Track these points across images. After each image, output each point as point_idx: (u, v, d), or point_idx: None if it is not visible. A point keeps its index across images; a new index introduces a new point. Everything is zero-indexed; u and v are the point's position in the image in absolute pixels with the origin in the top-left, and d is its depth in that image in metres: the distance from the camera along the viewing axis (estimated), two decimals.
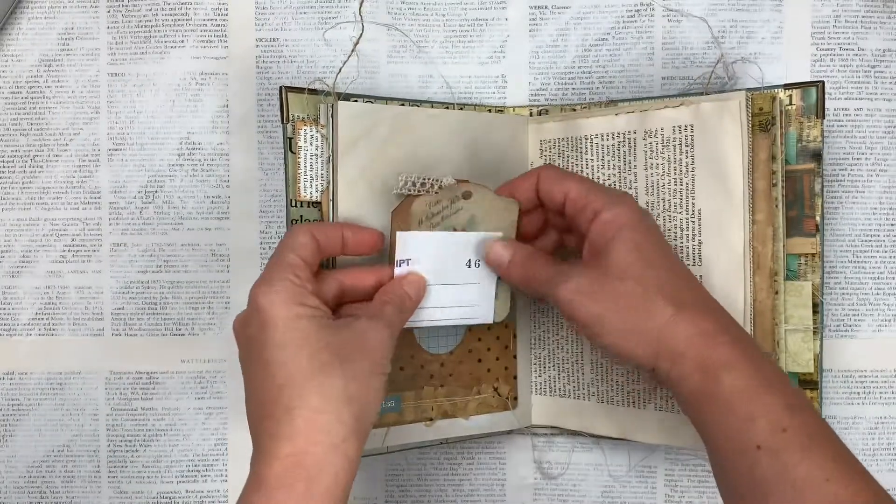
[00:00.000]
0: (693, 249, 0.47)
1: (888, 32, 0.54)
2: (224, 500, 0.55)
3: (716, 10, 0.54)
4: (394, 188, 0.47)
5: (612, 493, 0.55)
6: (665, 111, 0.48)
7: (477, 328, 0.51)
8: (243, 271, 0.55)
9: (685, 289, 0.41)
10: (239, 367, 0.40)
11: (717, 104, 0.46)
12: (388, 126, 0.48)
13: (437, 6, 0.55)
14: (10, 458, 0.55)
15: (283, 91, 0.47)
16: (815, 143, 0.47)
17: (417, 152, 0.49)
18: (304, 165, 0.48)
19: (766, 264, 0.47)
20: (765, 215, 0.47)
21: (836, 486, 0.35)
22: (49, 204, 0.55)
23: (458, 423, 0.51)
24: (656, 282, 0.41)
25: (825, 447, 0.36)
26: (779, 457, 0.36)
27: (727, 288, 0.46)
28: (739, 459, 0.37)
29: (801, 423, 0.37)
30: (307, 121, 0.48)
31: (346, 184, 0.47)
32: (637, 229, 0.42)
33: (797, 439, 0.36)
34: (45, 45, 0.55)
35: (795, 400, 0.38)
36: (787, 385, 0.39)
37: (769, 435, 0.37)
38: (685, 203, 0.47)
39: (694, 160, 0.47)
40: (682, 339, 0.39)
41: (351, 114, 0.47)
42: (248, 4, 0.55)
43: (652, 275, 0.41)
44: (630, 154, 0.49)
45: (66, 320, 0.55)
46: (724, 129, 0.46)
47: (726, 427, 0.38)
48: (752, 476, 0.37)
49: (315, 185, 0.48)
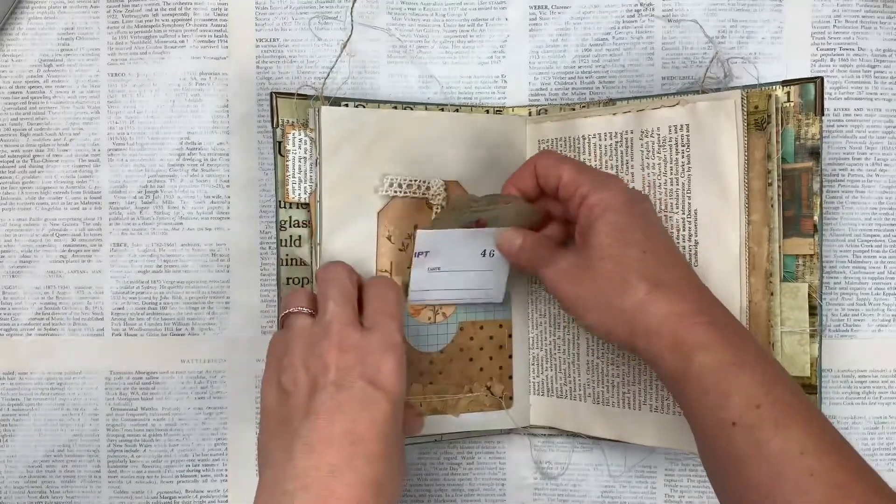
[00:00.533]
0: (690, 250, 0.47)
1: (888, 32, 0.54)
2: (224, 500, 0.55)
3: (716, 10, 0.54)
4: (378, 189, 0.48)
5: (611, 493, 0.55)
6: (661, 111, 0.47)
7: (468, 327, 0.51)
8: (243, 271, 0.55)
9: (667, 268, 0.42)
10: (239, 367, 0.40)
11: (712, 103, 0.46)
12: (373, 129, 0.49)
13: (437, 6, 0.55)
14: (10, 458, 0.55)
15: (273, 97, 0.49)
16: (813, 141, 0.47)
17: (405, 155, 0.49)
18: (293, 168, 0.49)
19: (761, 265, 0.46)
20: (760, 215, 0.46)
21: (811, 459, 0.36)
22: (49, 204, 0.55)
23: (447, 420, 0.51)
24: (633, 262, 0.41)
25: (800, 421, 0.37)
26: (753, 433, 0.37)
27: (724, 289, 0.45)
28: (717, 436, 0.38)
29: (775, 399, 0.37)
30: (296, 125, 0.50)
31: (331, 186, 0.48)
32: (621, 211, 0.42)
33: (771, 415, 0.37)
34: (45, 45, 0.55)
35: (773, 376, 0.38)
36: (767, 362, 0.39)
37: (743, 412, 0.37)
38: (682, 203, 0.47)
39: (690, 160, 0.47)
40: (656, 317, 0.40)
41: (334, 118, 0.48)
42: (248, 4, 0.55)
43: (630, 254, 0.41)
44: (627, 154, 0.49)
45: (66, 320, 0.55)
46: (720, 129, 0.46)
47: (701, 405, 0.39)
48: (729, 452, 0.38)
49: (303, 187, 0.50)
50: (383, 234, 0.50)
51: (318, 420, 0.38)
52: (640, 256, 0.41)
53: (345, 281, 0.43)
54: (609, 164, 0.49)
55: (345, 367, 0.39)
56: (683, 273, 0.42)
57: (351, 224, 0.49)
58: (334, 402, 0.38)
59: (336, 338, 0.40)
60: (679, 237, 0.47)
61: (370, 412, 0.39)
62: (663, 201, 0.48)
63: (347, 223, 0.49)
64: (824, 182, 0.53)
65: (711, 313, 0.40)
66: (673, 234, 0.47)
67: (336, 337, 0.40)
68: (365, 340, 0.40)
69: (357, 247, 0.49)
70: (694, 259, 0.47)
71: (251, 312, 0.55)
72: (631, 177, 0.49)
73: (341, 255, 0.48)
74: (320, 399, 0.38)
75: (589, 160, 0.50)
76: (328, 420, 0.38)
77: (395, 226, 0.50)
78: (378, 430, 0.38)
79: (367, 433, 0.38)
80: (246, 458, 0.55)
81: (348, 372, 0.39)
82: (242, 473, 0.55)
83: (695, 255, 0.47)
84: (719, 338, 0.39)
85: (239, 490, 0.55)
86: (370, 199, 0.49)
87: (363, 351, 0.40)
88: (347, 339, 0.40)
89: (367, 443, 0.38)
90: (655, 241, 0.42)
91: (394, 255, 0.50)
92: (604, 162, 0.49)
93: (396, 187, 0.49)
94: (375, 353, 0.40)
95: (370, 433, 0.38)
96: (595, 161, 0.50)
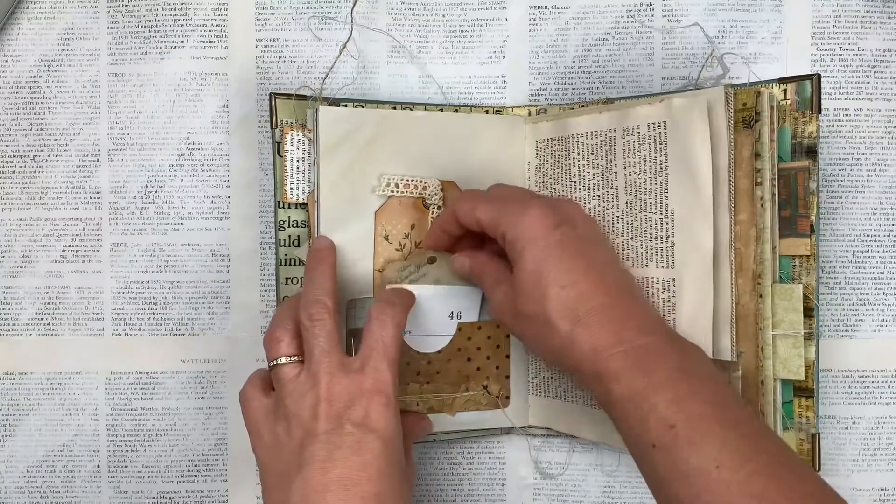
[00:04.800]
0: (666, 251, 0.45)
1: (888, 32, 0.53)
2: (224, 500, 0.55)
3: (716, 10, 0.54)
4: (375, 189, 0.48)
5: (611, 493, 0.55)
6: (642, 108, 0.46)
7: (466, 328, 0.51)
8: (243, 271, 0.55)
9: (588, 300, 0.42)
10: (239, 367, 0.40)
11: (687, 100, 0.44)
12: (371, 129, 0.49)
13: (437, 6, 0.55)
14: (10, 458, 0.55)
15: (272, 98, 0.50)
16: (810, 140, 0.46)
17: (402, 154, 0.50)
18: (291, 168, 0.50)
19: (748, 266, 0.45)
20: (748, 215, 0.45)
21: (726, 472, 0.36)
22: (49, 204, 0.55)
23: (443, 419, 0.51)
24: (553, 301, 0.42)
25: (714, 434, 0.37)
26: (670, 453, 0.38)
27: (698, 292, 0.45)
28: (642, 459, 0.40)
29: (688, 416, 0.38)
30: (294, 126, 0.50)
31: (329, 185, 0.48)
32: (538, 245, 0.42)
33: (685, 433, 0.38)
34: (45, 46, 0.55)
35: (686, 392, 0.39)
36: (683, 378, 0.39)
37: (660, 434, 0.38)
38: (659, 203, 0.46)
39: (667, 158, 0.45)
40: (578, 353, 0.41)
41: (332, 118, 0.48)
42: (248, 4, 0.55)
43: (550, 294, 0.42)
44: (611, 153, 0.48)
45: (66, 320, 0.55)
46: (694, 127, 0.44)
47: (626, 430, 0.40)
48: (655, 474, 0.39)
49: (301, 187, 0.50)
50: (380, 233, 0.50)
51: (312, 470, 0.39)
52: (559, 294, 0.42)
53: (329, 315, 0.43)
54: (595, 163, 0.48)
55: (334, 416, 0.40)
56: (606, 300, 0.42)
57: (348, 224, 0.49)
58: (326, 451, 0.39)
59: (324, 389, 0.41)
60: (657, 238, 0.46)
61: (362, 455, 0.40)
62: (643, 201, 0.46)
63: (345, 223, 0.49)
64: (824, 182, 0.53)
65: (626, 340, 0.40)
66: (651, 234, 0.46)
67: (324, 388, 0.41)
68: (354, 384, 0.41)
69: (354, 246, 0.49)
70: (670, 261, 0.45)
71: (251, 312, 0.55)
72: (615, 176, 0.48)
73: (339, 255, 0.48)
74: (312, 450, 0.40)
75: (578, 159, 0.49)
76: (321, 470, 0.39)
77: (391, 226, 0.50)
78: (371, 471, 0.39)
79: (360, 476, 0.39)
80: (246, 458, 0.55)
81: (338, 419, 0.40)
82: (242, 473, 0.55)
83: (671, 257, 0.45)
84: (632, 366, 0.40)
85: (239, 490, 0.55)
86: (367, 199, 0.49)
87: (352, 396, 0.41)
88: (335, 387, 0.41)
89: (362, 484, 0.39)
90: (576, 272, 0.42)
91: (390, 254, 0.50)
92: (591, 161, 0.49)
93: (393, 187, 0.49)
94: (364, 396, 0.41)
95: (364, 475, 0.39)
96: (583, 160, 0.49)
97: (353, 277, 0.49)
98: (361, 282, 0.50)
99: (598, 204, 0.49)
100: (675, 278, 0.45)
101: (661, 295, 0.46)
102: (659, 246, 0.46)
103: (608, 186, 0.48)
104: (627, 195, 0.47)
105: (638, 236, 0.47)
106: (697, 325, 0.45)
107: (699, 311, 0.45)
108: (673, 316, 0.45)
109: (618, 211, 0.48)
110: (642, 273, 0.46)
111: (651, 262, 0.46)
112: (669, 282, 0.45)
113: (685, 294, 0.45)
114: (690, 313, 0.45)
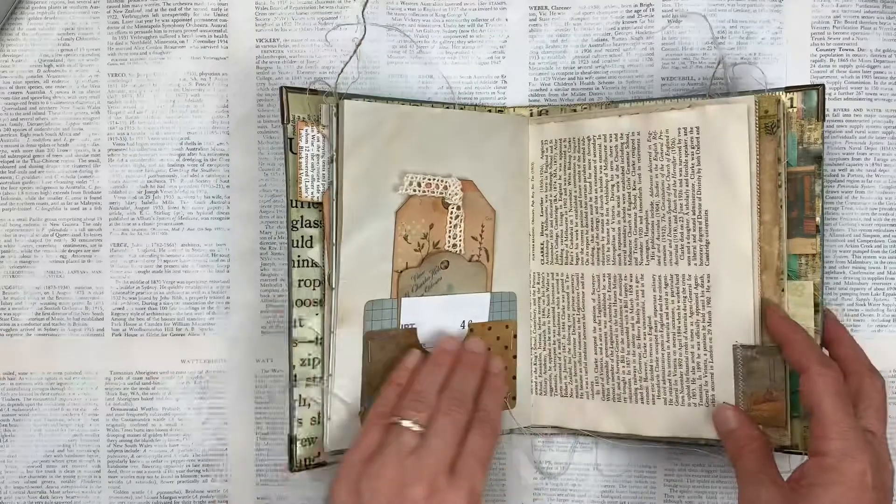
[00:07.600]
0: (700, 250, 0.48)
1: (888, 33, 0.54)
2: (224, 500, 0.55)
3: (715, 11, 0.54)
4: (398, 188, 0.47)
5: (611, 493, 0.55)
6: (671, 113, 0.48)
7: (477, 329, 0.51)
8: (243, 271, 0.55)
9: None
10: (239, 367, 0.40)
11: (723, 107, 0.47)
12: (392, 125, 0.48)
13: (437, 6, 0.55)
14: (10, 458, 0.55)
15: (284, 91, 0.47)
16: (815, 146, 0.48)
17: (421, 152, 0.49)
18: (306, 166, 0.48)
19: (773, 263, 0.47)
20: (772, 216, 0.47)
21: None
22: (49, 204, 0.55)
23: None
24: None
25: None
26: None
27: (736, 288, 0.47)
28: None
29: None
30: (308, 121, 0.48)
31: (351, 183, 0.47)
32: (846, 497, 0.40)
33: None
34: (45, 46, 0.55)
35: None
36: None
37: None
38: (691, 204, 0.48)
39: (700, 162, 0.47)
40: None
41: (356, 112, 0.47)
42: (249, 4, 0.55)
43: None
44: (634, 155, 0.49)
45: (66, 320, 0.55)
46: (731, 133, 0.47)
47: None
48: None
49: (316, 185, 0.48)
50: (400, 233, 0.49)
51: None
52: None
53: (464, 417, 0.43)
54: (615, 165, 0.50)
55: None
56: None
57: (368, 223, 0.47)
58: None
59: (427, 483, 0.41)
60: (689, 237, 0.48)
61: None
62: (672, 202, 0.48)
63: (364, 222, 0.47)
64: (825, 182, 0.53)
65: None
66: (683, 234, 0.48)
67: (427, 482, 0.41)
68: (451, 491, 0.41)
69: (373, 247, 0.48)
70: (705, 259, 0.48)
71: (251, 312, 0.55)
72: (638, 178, 0.49)
73: (357, 255, 0.47)
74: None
75: (594, 161, 0.50)
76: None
77: (411, 225, 0.49)
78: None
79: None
80: (246, 458, 0.55)
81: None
82: (242, 473, 0.55)
83: (706, 255, 0.48)
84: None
85: (239, 490, 0.55)
86: (389, 198, 0.48)
87: (444, 500, 0.41)
88: (436, 484, 0.41)
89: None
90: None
91: (410, 255, 0.49)
92: (609, 162, 0.50)
93: (416, 186, 0.48)
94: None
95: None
96: (600, 162, 0.50)
97: (371, 279, 0.48)
98: (379, 283, 0.48)
99: (618, 204, 0.50)
100: (711, 274, 0.48)
101: (693, 290, 0.48)
102: (692, 245, 0.48)
103: (630, 188, 0.49)
104: (653, 196, 0.49)
105: (666, 235, 0.49)
106: (734, 318, 0.47)
107: (737, 305, 0.47)
108: (708, 309, 0.48)
109: (641, 211, 0.49)
110: (671, 270, 0.49)
111: (682, 260, 0.48)
112: (704, 278, 0.48)
113: (722, 289, 0.47)
114: (727, 307, 0.47)
